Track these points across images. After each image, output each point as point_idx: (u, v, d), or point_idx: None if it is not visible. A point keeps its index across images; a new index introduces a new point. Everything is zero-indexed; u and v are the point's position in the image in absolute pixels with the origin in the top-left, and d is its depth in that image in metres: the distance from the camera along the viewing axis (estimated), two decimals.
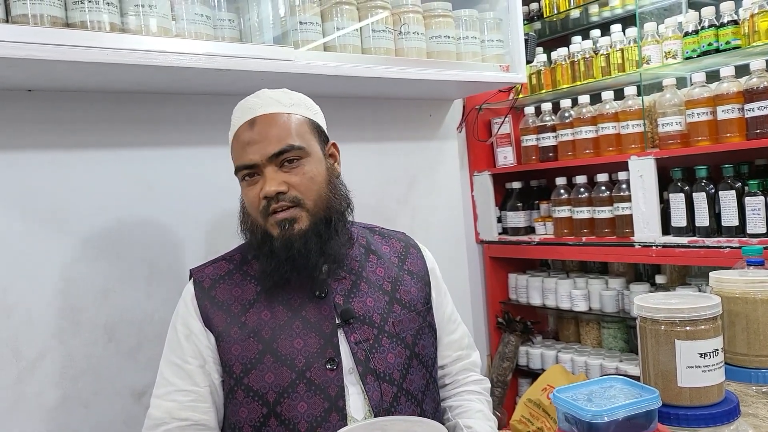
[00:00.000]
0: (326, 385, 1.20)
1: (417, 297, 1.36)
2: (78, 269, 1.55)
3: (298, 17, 1.63)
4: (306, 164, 1.23)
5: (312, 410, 1.18)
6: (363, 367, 1.22)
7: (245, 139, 1.22)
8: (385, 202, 2.15)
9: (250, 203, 1.24)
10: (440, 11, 1.91)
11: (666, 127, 2.06)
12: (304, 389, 1.19)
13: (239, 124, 1.25)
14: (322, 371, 1.20)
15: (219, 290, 1.27)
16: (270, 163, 1.20)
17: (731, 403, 0.90)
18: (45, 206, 1.50)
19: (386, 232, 1.46)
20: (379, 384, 1.22)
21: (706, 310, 0.89)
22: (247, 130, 1.22)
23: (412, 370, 1.28)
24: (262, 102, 1.25)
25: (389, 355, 1.26)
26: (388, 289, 1.33)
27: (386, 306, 1.30)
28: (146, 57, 1.34)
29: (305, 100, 1.32)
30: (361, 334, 1.25)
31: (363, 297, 1.29)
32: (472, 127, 2.55)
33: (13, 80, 1.39)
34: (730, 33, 1.93)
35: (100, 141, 1.58)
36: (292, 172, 1.21)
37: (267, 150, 1.20)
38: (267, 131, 1.21)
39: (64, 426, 1.51)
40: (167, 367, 1.26)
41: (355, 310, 1.26)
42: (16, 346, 1.46)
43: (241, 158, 1.23)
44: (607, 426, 0.79)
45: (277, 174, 1.20)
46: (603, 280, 2.39)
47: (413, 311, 1.33)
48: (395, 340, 1.28)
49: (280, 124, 1.22)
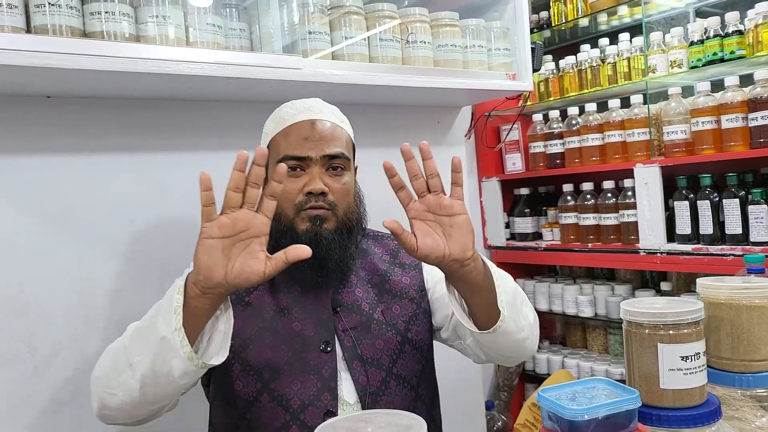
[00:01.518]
0: (320, 367, 1.25)
1: (409, 285, 1.40)
2: (92, 269, 1.60)
3: (307, 27, 1.67)
4: (346, 175, 1.31)
5: (304, 389, 1.24)
6: (350, 353, 1.28)
7: (304, 134, 1.28)
8: (392, 207, 2.17)
9: (285, 194, 1.27)
10: (447, 21, 1.95)
11: (671, 136, 2.08)
12: (299, 368, 1.24)
13: (296, 119, 1.30)
14: (317, 353, 1.26)
15: None
16: (320, 163, 1.27)
17: (712, 405, 0.92)
18: (61, 208, 1.56)
19: (380, 234, 1.51)
20: (365, 369, 1.27)
21: (688, 314, 0.92)
22: (309, 128, 1.29)
23: (404, 356, 1.32)
24: (321, 108, 1.34)
25: (378, 341, 1.31)
26: (377, 282, 1.38)
27: (375, 297, 1.36)
28: (159, 66, 1.39)
29: (348, 120, 1.40)
30: (349, 322, 1.30)
31: (352, 288, 1.35)
32: (481, 134, 2.59)
33: (32, 87, 1.45)
34: (735, 43, 1.95)
35: (115, 145, 1.64)
36: (335, 179, 1.29)
37: (325, 150, 1.27)
38: (327, 134, 1.29)
39: (76, 421, 1.56)
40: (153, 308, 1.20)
41: (344, 299, 1.33)
42: (31, 343, 1.51)
43: (296, 149, 1.27)
44: (587, 424, 0.82)
45: (322, 176, 1.27)
46: (609, 286, 2.41)
47: (405, 298, 1.37)
48: (385, 327, 1.32)
49: (337, 133, 1.31)
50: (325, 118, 1.32)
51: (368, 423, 0.67)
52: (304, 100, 1.36)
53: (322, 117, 1.31)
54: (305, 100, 1.36)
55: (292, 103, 1.36)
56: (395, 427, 0.64)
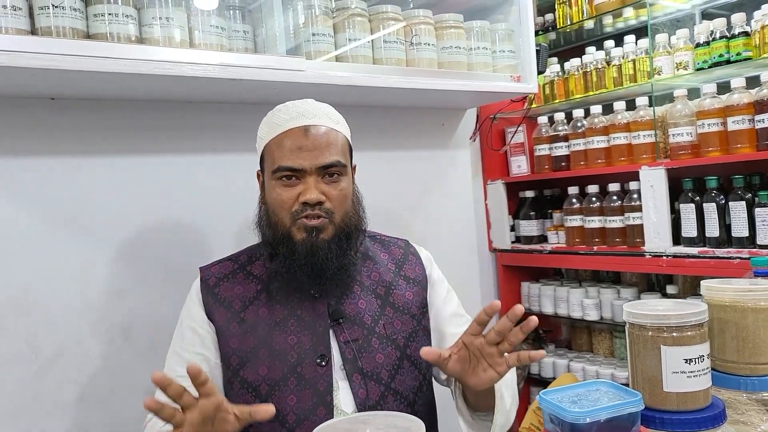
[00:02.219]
0: (316, 381, 1.25)
1: (412, 301, 1.39)
2: (96, 271, 1.61)
3: (311, 29, 1.67)
4: (343, 181, 1.30)
5: (300, 404, 1.23)
6: (350, 366, 1.27)
7: (298, 144, 1.26)
8: (397, 209, 2.19)
9: (282, 203, 1.27)
10: (452, 23, 1.95)
11: (677, 138, 2.06)
12: (294, 383, 1.24)
13: (289, 126, 1.28)
14: (312, 367, 1.25)
15: (222, 288, 1.34)
16: (316, 173, 1.26)
17: (717, 408, 0.91)
18: (65, 210, 1.57)
19: (387, 240, 1.49)
20: (365, 382, 1.27)
21: (692, 317, 0.91)
22: (302, 136, 1.26)
23: (402, 371, 1.32)
24: (314, 112, 1.31)
25: (378, 355, 1.30)
26: (381, 293, 1.37)
27: (378, 309, 1.35)
28: (163, 67, 1.40)
29: (344, 119, 1.38)
30: (350, 334, 1.30)
31: (355, 299, 1.34)
32: (486, 136, 2.58)
33: (37, 89, 1.45)
34: (741, 44, 1.94)
35: (118, 147, 1.65)
36: (332, 186, 1.27)
37: (319, 160, 1.25)
38: (321, 143, 1.27)
39: (81, 422, 1.57)
40: (171, 357, 1.34)
41: (346, 311, 1.31)
42: (35, 343, 1.52)
43: (289, 160, 1.26)
44: (589, 427, 0.81)
45: (318, 184, 1.26)
46: (615, 289, 2.39)
47: (407, 314, 1.37)
48: (385, 341, 1.32)
49: (331, 139, 1.29)
50: (319, 122, 1.29)
51: (367, 424, 0.66)
52: (297, 103, 1.33)
53: (315, 122, 1.29)
54: (297, 103, 1.33)
55: (285, 106, 1.33)
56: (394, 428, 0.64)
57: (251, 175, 1.42)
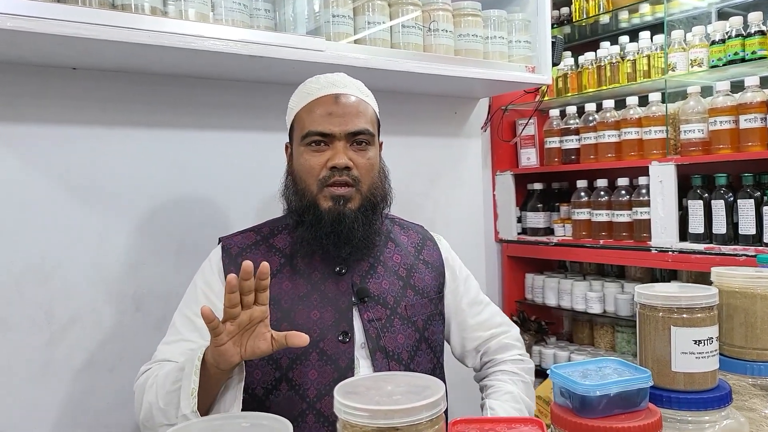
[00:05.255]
0: (337, 357, 1.26)
1: (430, 285, 1.41)
2: (111, 242, 1.63)
3: (331, 11, 1.69)
4: (370, 150, 1.32)
5: (321, 378, 1.25)
6: (373, 344, 1.28)
7: (328, 110, 1.28)
8: (407, 194, 2.20)
9: (309, 169, 1.28)
10: (470, 10, 1.96)
11: (688, 134, 2.08)
12: (316, 358, 1.25)
13: (320, 93, 1.31)
14: (334, 343, 1.26)
15: (245, 258, 1.33)
16: (345, 139, 1.28)
17: (723, 390, 0.93)
18: (83, 180, 1.59)
19: (406, 224, 1.51)
20: (388, 362, 1.28)
21: (702, 299, 0.92)
22: (332, 103, 1.29)
23: (420, 353, 1.34)
24: (345, 83, 1.34)
25: (399, 335, 1.32)
26: (403, 275, 1.38)
27: (400, 290, 1.36)
28: (185, 41, 1.41)
29: (373, 96, 1.40)
30: (374, 313, 1.31)
31: (379, 279, 1.35)
32: (496, 127, 2.60)
33: (59, 57, 1.47)
34: (756, 43, 1.95)
35: (137, 120, 1.66)
36: (359, 154, 1.29)
37: (348, 126, 1.28)
38: (351, 110, 1.29)
39: (90, 387, 1.59)
40: (179, 319, 1.32)
41: (370, 290, 1.32)
42: (51, 310, 1.54)
43: (320, 125, 1.28)
44: (599, 400, 0.83)
45: (347, 151, 1.28)
46: (619, 283, 2.41)
47: (426, 298, 1.39)
48: (406, 323, 1.33)
49: (361, 108, 1.32)
50: (349, 92, 1.32)
51: (387, 382, 0.68)
52: (328, 75, 1.36)
53: (346, 91, 1.31)
54: (329, 75, 1.36)
55: (317, 77, 1.36)
56: (414, 386, 0.66)
57: (266, 152, 1.44)
